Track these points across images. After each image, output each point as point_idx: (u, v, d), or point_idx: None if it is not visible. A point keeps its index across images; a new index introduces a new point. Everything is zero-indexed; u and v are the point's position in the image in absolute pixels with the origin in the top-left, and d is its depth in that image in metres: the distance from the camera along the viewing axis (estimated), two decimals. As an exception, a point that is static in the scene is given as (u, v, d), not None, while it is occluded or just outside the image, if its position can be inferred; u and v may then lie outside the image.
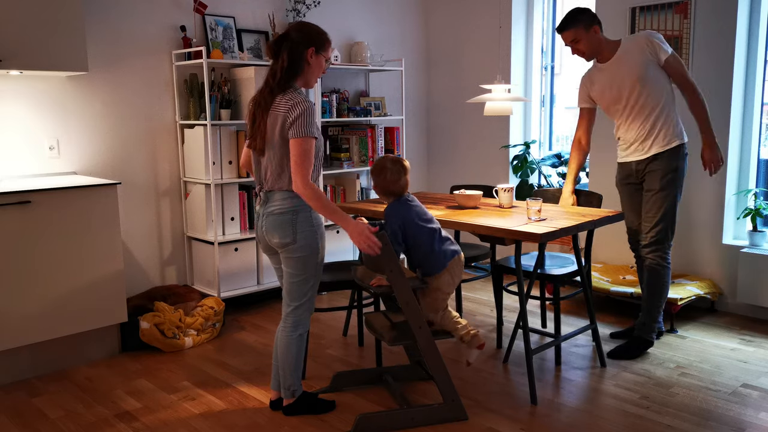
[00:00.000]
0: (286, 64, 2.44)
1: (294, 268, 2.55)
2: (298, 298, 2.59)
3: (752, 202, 3.95)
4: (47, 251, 3.12)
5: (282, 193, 2.50)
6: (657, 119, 3.24)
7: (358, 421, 2.56)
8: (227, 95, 4.05)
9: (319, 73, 2.55)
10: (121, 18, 3.78)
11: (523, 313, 2.86)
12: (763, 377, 3.06)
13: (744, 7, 3.82)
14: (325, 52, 2.52)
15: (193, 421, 2.74)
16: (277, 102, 2.45)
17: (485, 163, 5.16)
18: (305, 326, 2.64)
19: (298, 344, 2.63)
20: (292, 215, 2.48)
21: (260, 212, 2.58)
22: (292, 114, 2.39)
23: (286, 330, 2.63)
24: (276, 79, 2.46)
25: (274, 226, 2.50)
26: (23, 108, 3.48)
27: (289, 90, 2.46)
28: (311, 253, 2.53)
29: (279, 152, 2.46)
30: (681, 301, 3.64)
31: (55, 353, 3.28)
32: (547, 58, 5.03)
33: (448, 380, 2.66)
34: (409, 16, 5.34)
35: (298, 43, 2.45)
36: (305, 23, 2.53)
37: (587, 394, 2.93)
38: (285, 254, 2.54)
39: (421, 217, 2.64)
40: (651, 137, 3.26)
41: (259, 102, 2.50)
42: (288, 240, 2.49)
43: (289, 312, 2.62)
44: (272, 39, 2.46)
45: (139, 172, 3.94)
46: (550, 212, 3.15)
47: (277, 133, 2.44)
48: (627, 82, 3.23)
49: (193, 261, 4.20)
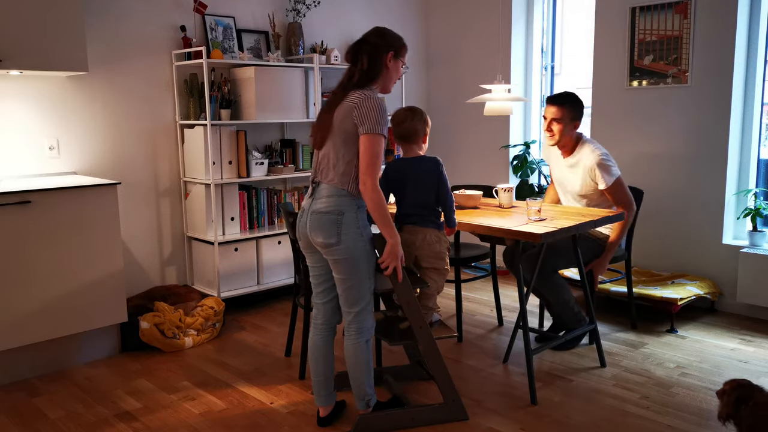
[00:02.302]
0: (366, 66, 2.42)
1: (341, 272, 2.45)
2: (355, 303, 2.49)
3: (752, 202, 3.95)
4: (47, 251, 3.12)
5: (330, 189, 2.41)
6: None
7: (359, 421, 2.56)
8: (227, 95, 4.05)
9: (396, 78, 2.53)
10: (121, 18, 3.78)
11: (523, 313, 2.86)
12: (763, 377, 3.06)
13: (744, 7, 3.82)
14: (402, 57, 2.52)
15: (193, 421, 2.74)
16: (349, 96, 2.41)
17: (485, 163, 5.16)
18: (370, 331, 2.53)
19: (367, 351, 2.53)
20: (338, 215, 2.38)
21: (305, 208, 2.49)
22: (364, 107, 2.34)
23: (351, 338, 2.52)
24: (353, 81, 2.44)
25: (318, 225, 2.41)
26: (23, 108, 3.48)
27: (364, 89, 2.44)
28: (356, 255, 2.42)
29: (339, 144, 2.39)
30: (681, 301, 3.64)
31: (55, 353, 3.28)
32: (547, 58, 5.03)
33: (449, 380, 2.66)
34: (409, 16, 5.34)
35: (377, 47, 2.44)
36: (383, 28, 2.51)
37: (587, 394, 2.93)
38: (329, 256, 2.44)
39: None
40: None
41: (329, 99, 2.49)
42: (332, 241, 2.39)
43: (350, 320, 2.51)
44: (351, 44, 2.49)
45: (139, 172, 3.94)
46: (550, 212, 3.15)
47: (342, 124, 2.38)
48: (569, 188, 3.45)
49: (193, 261, 4.20)
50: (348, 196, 2.40)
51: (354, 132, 2.36)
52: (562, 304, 3.31)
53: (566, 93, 3.39)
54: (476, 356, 3.36)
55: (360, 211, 2.44)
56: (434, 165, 2.66)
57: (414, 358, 3.14)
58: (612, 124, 4.29)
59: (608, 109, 4.35)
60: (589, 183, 3.36)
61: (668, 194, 4.16)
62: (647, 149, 4.23)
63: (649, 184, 4.17)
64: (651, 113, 4.20)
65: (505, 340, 3.55)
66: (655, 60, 4.13)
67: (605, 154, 3.33)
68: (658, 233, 4.22)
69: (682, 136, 4.08)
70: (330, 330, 2.64)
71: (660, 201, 4.18)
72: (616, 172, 3.31)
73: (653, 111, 4.19)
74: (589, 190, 3.38)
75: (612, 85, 4.35)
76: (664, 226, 4.20)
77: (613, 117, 4.34)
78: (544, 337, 3.49)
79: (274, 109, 4.11)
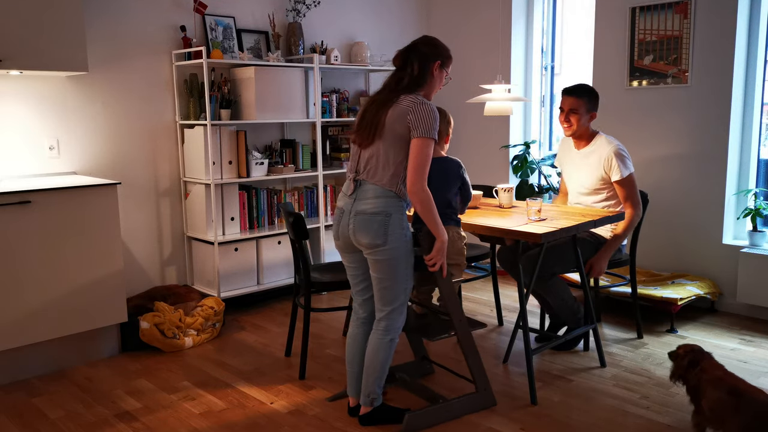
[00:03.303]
0: (417, 72, 2.49)
1: (381, 272, 2.49)
2: (391, 302, 2.54)
3: (752, 202, 3.95)
4: (47, 251, 3.12)
5: (376, 190, 2.45)
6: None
7: (408, 420, 2.59)
8: (227, 95, 4.05)
9: (439, 87, 2.61)
10: (121, 18, 3.78)
11: (523, 313, 2.86)
12: (763, 377, 3.06)
13: (744, 7, 3.82)
14: (447, 68, 2.60)
15: (193, 421, 2.74)
16: (401, 99, 2.45)
17: (485, 163, 5.16)
18: (396, 332, 2.59)
19: (387, 350, 2.58)
20: (385, 216, 2.43)
21: (346, 208, 2.52)
22: (418, 111, 2.40)
23: (377, 334, 2.58)
24: (401, 84, 2.49)
25: (365, 226, 2.44)
26: (23, 108, 3.48)
27: (414, 94, 2.49)
28: (399, 256, 2.47)
29: (389, 145, 2.43)
30: (681, 301, 3.64)
31: (55, 353, 3.28)
32: (547, 58, 5.03)
33: (483, 370, 2.77)
34: (409, 16, 5.34)
35: (427, 55, 2.51)
36: (432, 38, 2.59)
37: (587, 394, 2.93)
38: (373, 256, 2.47)
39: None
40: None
41: (376, 99, 2.52)
42: (379, 242, 2.43)
43: (382, 317, 2.57)
44: (399, 49, 2.57)
45: (139, 172, 3.94)
46: (550, 212, 3.15)
47: (394, 125, 2.42)
48: (583, 182, 3.44)
49: (193, 261, 4.20)
50: (395, 197, 2.45)
51: (405, 134, 2.41)
52: (562, 305, 3.31)
53: (582, 85, 3.40)
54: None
55: (404, 213, 2.50)
56: (457, 168, 2.74)
57: (419, 354, 3.16)
58: (612, 124, 4.28)
59: (608, 109, 4.35)
60: (600, 174, 3.33)
61: (668, 194, 4.16)
62: (647, 149, 4.23)
63: (649, 184, 4.17)
64: (651, 113, 4.20)
65: (505, 340, 3.55)
66: (655, 60, 4.13)
67: (623, 147, 3.35)
68: (658, 233, 4.22)
69: (682, 136, 4.08)
70: (371, 325, 2.68)
71: (660, 201, 4.17)
72: (631, 167, 3.32)
73: (653, 111, 4.19)
74: (600, 183, 3.35)
75: (612, 85, 4.35)
76: (664, 226, 4.20)
77: (613, 117, 4.33)
78: (544, 337, 3.49)
79: (274, 109, 4.11)
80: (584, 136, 3.43)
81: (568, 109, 3.36)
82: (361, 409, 2.65)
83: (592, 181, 3.39)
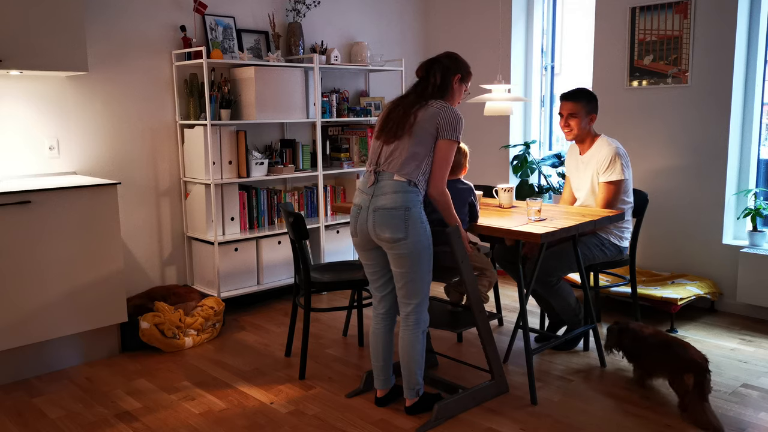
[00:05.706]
0: (439, 82, 2.64)
1: (403, 266, 2.57)
2: (415, 296, 2.62)
3: (752, 202, 3.95)
4: (47, 251, 3.12)
5: (395, 185, 2.53)
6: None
7: (438, 410, 2.67)
8: (227, 95, 4.05)
9: (458, 99, 2.75)
10: (121, 18, 3.78)
11: (523, 313, 2.86)
12: (763, 377, 3.06)
13: (744, 7, 3.82)
14: (466, 83, 2.75)
15: (193, 421, 2.74)
16: (430, 103, 2.59)
17: (485, 163, 5.16)
18: (426, 323, 2.69)
19: (422, 342, 2.68)
20: (405, 211, 2.52)
21: (364, 204, 2.60)
22: (446, 116, 2.55)
23: (409, 329, 2.66)
24: (425, 93, 2.63)
25: (386, 221, 2.52)
26: (23, 108, 3.48)
27: (439, 101, 2.62)
28: (421, 249, 2.55)
29: (416, 141, 2.54)
30: (681, 301, 3.64)
31: (55, 353, 3.28)
32: (547, 58, 5.03)
33: (498, 359, 2.90)
34: (409, 16, 5.34)
35: (448, 67, 2.68)
36: (454, 53, 2.76)
37: (587, 394, 2.93)
38: (395, 251, 2.55)
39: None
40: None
41: (402, 102, 2.64)
42: (400, 236, 2.51)
43: (409, 311, 2.64)
44: (422, 61, 2.74)
45: (139, 172, 3.94)
46: (550, 212, 3.15)
47: (425, 124, 2.54)
48: (583, 185, 3.47)
49: (193, 261, 4.20)
50: (413, 191, 2.54)
51: (433, 134, 2.55)
52: (566, 307, 3.31)
53: (579, 88, 3.41)
54: (476, 356, 3.36)
55: (422, 207, 2.58)
56: (467, 195, 2.85)
57: (425, 346, 3.19)
58: (612, 124, 4.29)
59: (608, 109, 4.35)
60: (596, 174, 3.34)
61: (668, 194, 4.16)
62: (647, 149, 4.23)
63: (649, 184, 4.18)
64: (651, 113, 4.20)
65: (505, 340, 3.55)
66: (655, 60, 4.13)
67: (624, 151, 3.34)
68: (658, 233, 4.22)
69: (682, 136, 4.08)
70: (391, 319, 2.78)
71: (660, 201, 4.18)
72: (625, 174, 3.29)
73: (653, 111, 4.19)
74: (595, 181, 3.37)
75: (612, 85, 4.35)
76: (664, 225, 4.20)
77: (613, 117, 4.33)
78: (544, 337, 3.49)
79: (274, 109, 4.11)
80: (586, 140, 3.43)
81: (567, 114, 3.38)
82: (407, 402, 2.75)
83: (595, 184, 3.39)
